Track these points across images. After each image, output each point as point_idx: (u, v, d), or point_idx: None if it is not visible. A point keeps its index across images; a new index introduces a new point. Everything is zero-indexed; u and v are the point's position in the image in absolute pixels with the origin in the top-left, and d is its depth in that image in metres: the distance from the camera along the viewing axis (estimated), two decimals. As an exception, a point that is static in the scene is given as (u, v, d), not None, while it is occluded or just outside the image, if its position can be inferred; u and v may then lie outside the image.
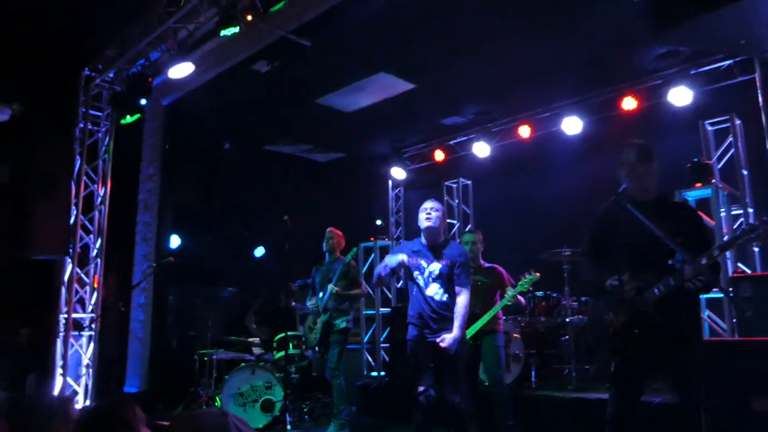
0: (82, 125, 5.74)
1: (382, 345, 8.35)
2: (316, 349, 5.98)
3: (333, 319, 5.80)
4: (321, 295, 5.86)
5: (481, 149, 8.20)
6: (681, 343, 2.80)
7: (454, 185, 9.09)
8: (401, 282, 4.17)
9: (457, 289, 4.13)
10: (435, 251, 4.15)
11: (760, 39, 2.23)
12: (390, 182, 9.56)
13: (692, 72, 6.43)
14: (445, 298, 4.08)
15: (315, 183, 9.82)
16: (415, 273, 4.16)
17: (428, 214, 4.17)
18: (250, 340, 7.33)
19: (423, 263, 4.15)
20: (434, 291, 4.08)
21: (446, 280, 4.10)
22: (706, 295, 5.46)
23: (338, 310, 5.82)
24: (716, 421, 2.71)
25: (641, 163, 3.10)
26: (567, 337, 6.15)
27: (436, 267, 4.11)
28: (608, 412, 3.22)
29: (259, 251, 9.15)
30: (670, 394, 4.22)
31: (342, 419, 5.64)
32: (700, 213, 5.88)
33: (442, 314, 4.07)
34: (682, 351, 2.83)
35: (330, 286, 5.71)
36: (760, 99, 2.52)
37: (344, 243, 6.20)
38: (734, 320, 5.23)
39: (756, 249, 5.84)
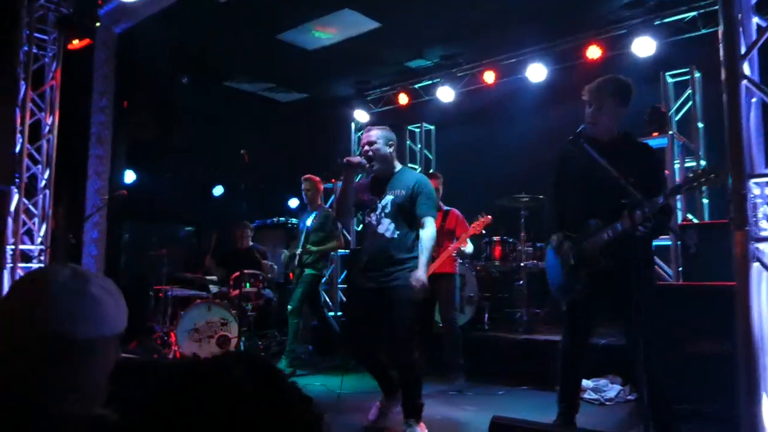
0: (26, 49, 5.42)
1: (339, 286, 8.43)
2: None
3: (305, 266, 6.04)
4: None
5: (446, 94, 8.13)
6: (628, 287, 2.86)
7: (417, 130, 9.05)
8: (361, 225, 3.85)
9: (420, 219, 3.60)
10: (385, 182, 3.70)
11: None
12: (353, 125, 9.44)
13: (656, 23, 6.44)
14: (396, 235, 3.57)
15: (277, 123, 9.61)
16: (368, 210, 3.72)
17: (367, 147, 3.70)
18: (208, 277, 7.28)
19: (376, 198, 3.71)
20: (385, 228, 3.59)
21: (397, 214, 3.61)
22: (653, 243, 5.64)
23: (312, 261, 6.04)
24: (654, 361, 2.81)
25: (600, 93, 3.08)
26: (521, 281, 6.29)
27: (388, 200, 3.63)
28: (560, 347, 3.36)
29: (218, 190, 9.00)
30: (617, 335, 4.40)
31: (291, 356, 5.83)
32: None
33: (394, 253, 3.58)
34: (629, 295, 2.90)
35: (294, 249, 6.06)
36: (721, 35, 2.51)
37: (322, 188, 6.37)
38: (680, 268, 5.43)
39: (705, 201, 6.02)
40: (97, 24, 5.56)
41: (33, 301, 1.11)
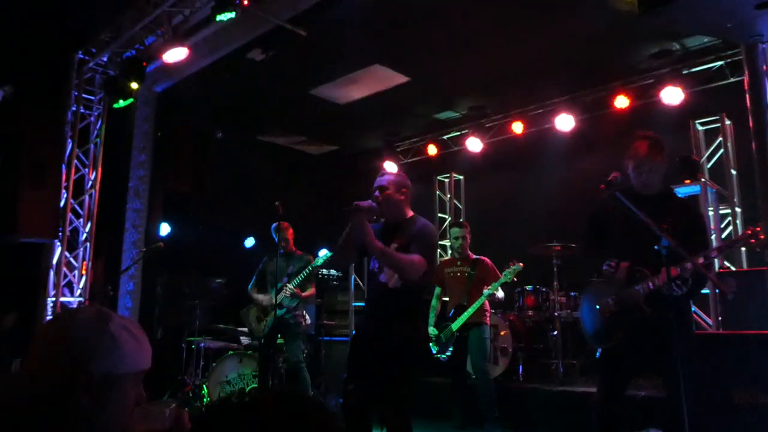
0: (74, 108, 5.72)
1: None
2: (262, 341, 5.93)
3: (287, 314, 5.76)
4: (279, 285, 5.68)
5: (474, 144, 8.23)
6: (667, 336, 2.81)
7: (446, 180, 9.13)
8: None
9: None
10: (393, 231, 3.51)
11: (747, 23, 2.25)
12: (382, 176, 9.56)
13: (684, 72, 6.49)
14: (399, 284, 3.38)
15: (308, 175, 9.81)
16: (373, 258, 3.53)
17: (378, 193, 3.53)
18: (239, 329, 7.30)
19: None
20: (387, 277, 3.42)
21: None
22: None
23: (295, 306, 5.80)
24: (698, 414, 2.73)
25: (649, 158, 3.09)
26: (555, 332, 6.18)
27: (392, 248, 3.43)
28: (593, 401, 3.27)
29: (250, 242, 9.12)
30: (656, 386, 4.27)
31: None
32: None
33: (395, 303, 3.41)
34: (668, 344, 2.84)
35: (289, 286, 5.64)
36: (747, 87, 2.54)
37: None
38: (719, 317, 5.29)
39: (743, 248, 5.90)
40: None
41: (55, 338, 1.21)
